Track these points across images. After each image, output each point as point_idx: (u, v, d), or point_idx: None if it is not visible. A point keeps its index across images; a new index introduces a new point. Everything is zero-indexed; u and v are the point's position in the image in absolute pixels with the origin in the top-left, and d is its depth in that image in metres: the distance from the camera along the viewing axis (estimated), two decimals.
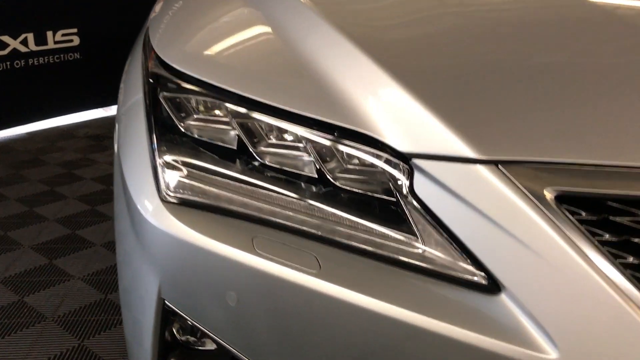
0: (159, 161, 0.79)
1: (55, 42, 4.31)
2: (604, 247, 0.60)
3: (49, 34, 4.26)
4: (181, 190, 0.76)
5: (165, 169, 0.78)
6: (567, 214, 0.61)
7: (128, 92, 1.00)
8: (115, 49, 4.49)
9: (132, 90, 0.97)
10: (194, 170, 0.77)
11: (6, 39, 4.03)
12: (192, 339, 0.84)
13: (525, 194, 0.62)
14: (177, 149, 0.80)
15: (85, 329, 1.97)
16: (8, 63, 4.06)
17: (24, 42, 4.13)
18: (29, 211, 2.91)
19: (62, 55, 4.36)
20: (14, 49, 4.08)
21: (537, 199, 0.62)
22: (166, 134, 0.82)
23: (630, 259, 0.59)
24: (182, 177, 0.77)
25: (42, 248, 2.53)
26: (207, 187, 0.76)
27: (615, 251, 0.60)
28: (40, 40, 4.22)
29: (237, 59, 0.87)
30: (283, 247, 0.70)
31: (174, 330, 0.84)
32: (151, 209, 0.76)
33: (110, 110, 4.85)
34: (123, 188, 0.85)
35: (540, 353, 0.59)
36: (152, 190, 0.78)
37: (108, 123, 4.48)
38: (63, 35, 4.35)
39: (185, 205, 0.75)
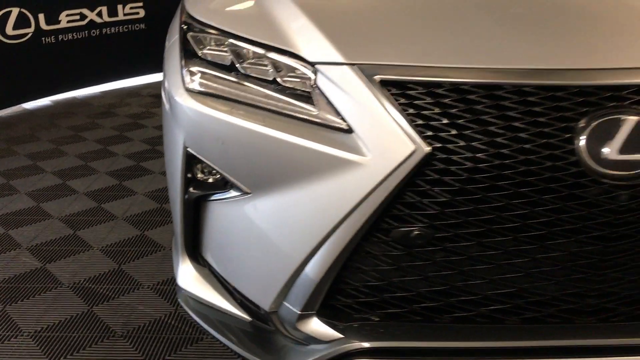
0: (184, 70, 1.40)
1: (125, 14, 5.02)
2: (400, 106, 1.15)
3: (120, 7, 4.96)
4: (194, 84, 1.37)
5: (187, 74, 1.39)
6: (385, 90, 1.16)
7: (170, 37, 1.61)
8: None
9: (172, 36, 1.58)
10: (204, 74, 1.38)
11: (85, 11, 4.76)
12: (201, 176, 1.46)
13: (368, 80, 1.18)
14: (195, 64, 1.40)
15: (147, 225, 2.64)
16: (86, 32, 4.80)
17: (99, 14, 4.84)
18: (104, 149, 3.63)
19: (129, 26, 5.07)
20: (91, 20, 4.81)
21: (372, 83, 1.17)
22: (190, 57, 1.43)
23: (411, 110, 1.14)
24: (196, 78, 1.37)
25: (114, 174, 3.23)
26: (210, 83, 1.36)
27: (410, 110, 1.15)
28: (112, 12, 4.93)
29: (226, 12, 1.46)
30: (249, 113, 1.29)
31: (193, 172, 1.45)
32: (180, 96, 1.38)
33: None
34: (165, 89, 1.47)
35: (364, 156, 1.16)
36: (180, 85, 1.39)
37: None
38: (131, 8, 5.05)
39: (197, 93, 1.36)
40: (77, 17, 4.72)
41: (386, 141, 1.16)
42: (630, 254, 1.18)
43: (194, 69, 1.40)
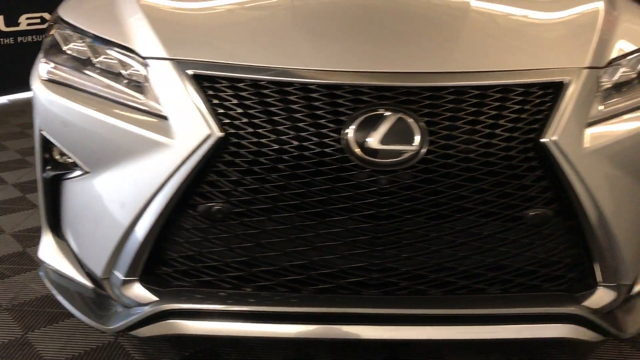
0: (41, 61, 1.58)
1: None
2: (206, 97, 1.33)
3: None
4: (46, 74, 1.55)
5: (42, 65, 1.57)
6: (195, 82, 1.34)
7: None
8: None
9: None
10: (57, 66, 1.56)
11: (46, 15, 4.95)
12: (58, 157, 1.63)
13: (180, 75, 1.36)
14: (54, 57, 1.58)
15: None
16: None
17: None
18: None
19: None
20: None
21: (186, 76, 1.36)
22: (51, 51, 1.61)
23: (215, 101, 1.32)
24: (49, 68, 1.55)
25: None
26: (61, 74, 1.54)
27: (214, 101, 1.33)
28: None
29: (89, 15, 1.65)
30: (89, 100, 1.47)
31: (51, 154, 1.62)
32: (36, 84, 1.56)
33: None
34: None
35: (173, 139, 1.33)
36: (37, 76, 1.57)
37: None
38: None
39: (47, 81, 1.54)
40: (38, 20, 4.91)
41: (190, 126, 1.34)
42: (400, 233, 1.36)
43: (47, 60, 1.58)
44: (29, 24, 4.86)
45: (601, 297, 1.47)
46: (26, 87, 4.91)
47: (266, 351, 1.84)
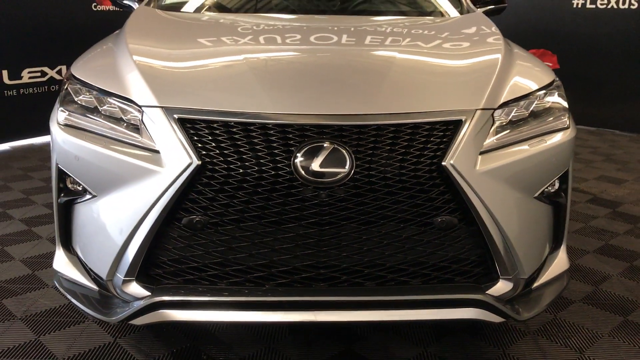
0: (58, 109, 2.00)
1: None
2: (188, 135, 1.75)
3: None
4: (62, 119, 1.97)
5: (60, 112, 1.99)
6: (180, 124, 1.77)
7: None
8: None
9: None
10: (70, 113, 1.97)
11: (46, 69, 5.40)
12: (71, 186, 2.03)
13: (168, 118, 1.78)
14: (67, 105, 2.01)
15: None
16: (46, 87, 5.42)
17: (59, 72, 5.48)
18: (46, 186, 4.17)
19: None
20: (51, 77, 5.44)
21: (173, 120, 1.78)
22: (66, 101, 2.03)
23: (195, 138, 1.75)
24: (64, 115, 1.97)
25: (50, 205, 3.76)
26: (74, 119, 1.96)
27: (195, 137, 1.75)
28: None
29: (96, 72, 2.08)
30: (96, 139, 1.88)
31: (65, 183, 2.03)
32: (54, 127, 1.97)
33: None
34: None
35: (163, 167, 1.74)
36: (56, 121, 1.99)
37: None
38: None
39: (63, 125, 1.96)
40: (38, 73, 5.36)
41: (176, 157, 1.75)
42: (338, 236, 1.76)
43: (63, 108, 2.00)
44: (30, 77, 5.30)
45: (501, 287, 1.87)
46: (27, 134, 5.33)
47: (241, 347, 2.21)
